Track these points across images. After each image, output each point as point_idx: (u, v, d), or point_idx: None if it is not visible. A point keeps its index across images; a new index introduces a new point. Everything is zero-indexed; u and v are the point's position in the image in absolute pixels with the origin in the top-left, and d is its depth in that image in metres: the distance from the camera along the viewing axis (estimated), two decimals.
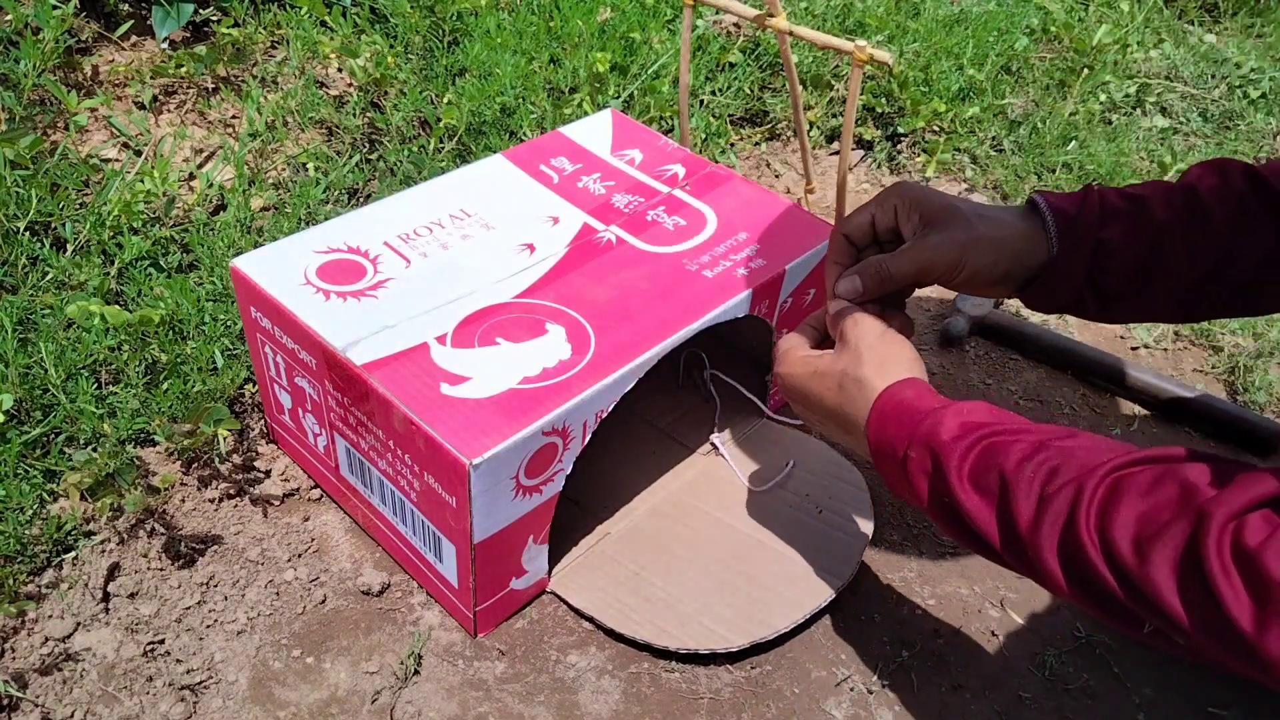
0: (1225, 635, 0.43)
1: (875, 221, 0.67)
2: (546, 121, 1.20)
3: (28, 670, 0.69)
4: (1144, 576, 0.45)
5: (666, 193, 0.89)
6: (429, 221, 0.82)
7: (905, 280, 0.65)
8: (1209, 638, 0.44)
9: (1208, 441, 1.01)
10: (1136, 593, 0.46)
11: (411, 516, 0.72)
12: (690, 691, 0.74)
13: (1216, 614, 0.42)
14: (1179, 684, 0.77)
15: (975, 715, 0.74)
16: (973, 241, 0.63)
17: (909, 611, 0.81)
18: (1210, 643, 0.44)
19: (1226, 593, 0.42)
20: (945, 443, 0.56)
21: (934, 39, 1.50)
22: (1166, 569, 0.44)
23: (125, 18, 1.14)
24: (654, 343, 0.72)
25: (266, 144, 1.09)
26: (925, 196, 0.65)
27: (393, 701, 0.71)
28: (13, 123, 0.98)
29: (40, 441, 0.80)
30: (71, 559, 0.76)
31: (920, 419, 0.58)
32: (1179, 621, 0.44)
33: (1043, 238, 0.64)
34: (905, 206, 0.65)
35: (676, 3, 1.41)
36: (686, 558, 0.81)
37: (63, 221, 0.92)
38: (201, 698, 0.70)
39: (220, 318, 0.90)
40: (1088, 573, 0.48)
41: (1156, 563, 0.45)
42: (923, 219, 0.65)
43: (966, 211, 0.64)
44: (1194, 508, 0.44)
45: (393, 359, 0.68)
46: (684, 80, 0.99)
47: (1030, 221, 0.65)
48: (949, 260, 0.63)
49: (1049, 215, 0.64)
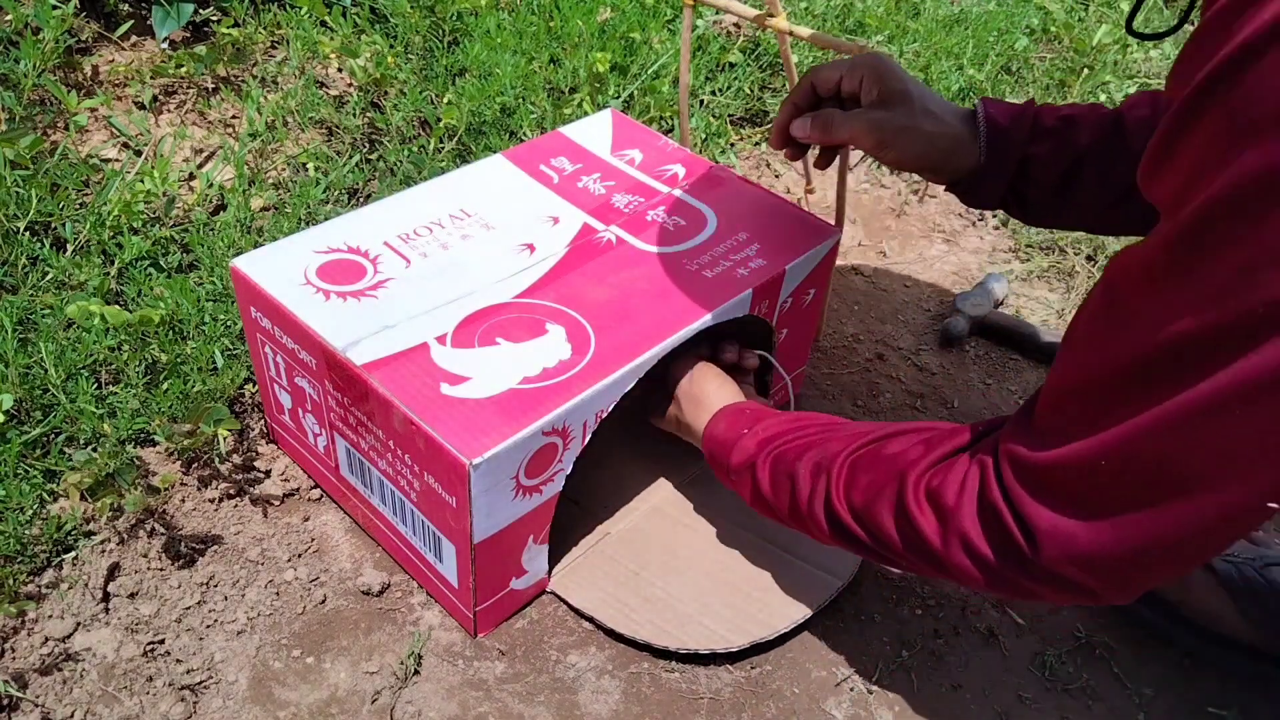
0: (926, 554, 0.57)
1: (842, 81, 0.74)
2: (546, 121, 1.20)
3: (28, 670, 0.69)
4: (876, 525, 0.60)
5: (666, 193, 0.89)
6: (429, 221, 0.82)
7: (842, 139, 0.75)
8: (919, 559, 0.58)
9: None
10: (874, 537, 0.61)
11: (411, 516, 0.72)
12: (690, 691, 0.74)
13: (919, 540, 0.57)
14: (1179, 684, 0.77)
15: (975, 715, 0.74)
16: (908, 128, 0.71)
17: (909, 611, 0.81)
18: (921, 563, 0.59)
19: (922, 524, 0.56)
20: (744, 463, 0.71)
21: (934, 39, 1.50)
22: (888, 516, 0.59)
23: (125, 18, 1.14)
24: (654, 343, 0.72)
25: (266, 144, 1.09)
26: (888, 74, 0.72)
27: (393, 701, 0.71)
28: (13, 123, 0.98)
29: (40, 441, 0.80)
30: (71, 559, 0.76)
31: (729, 452, 0.72)
32: (899, 551, 0.59)
33: (974, 145, 0.72)
34: (870, 78, 0.73)
35: (676, 3, 1.41)
36: (686, 558, 0.81)
37: (63, 221, 0.92)
38: (201, 698, 0.70)
39: (220, 318, 0.90)
40: (846, 529, 0.63)
41: (881, 514, 0.59)
42: (879, 94, 0.72)
43: (916, 101, 0.72)
44: (897, 472, 0.59)
45: (393, 359, 0.68)
46: (684, 80, 0.99)
47: (968, 127, 0.72)
48: (881, 138, 0.72)
49: (983, 125, 0.72)
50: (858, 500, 0.61)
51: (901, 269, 1.20)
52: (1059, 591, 0.53)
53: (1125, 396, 0.46)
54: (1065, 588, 0.52)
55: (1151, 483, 0.46)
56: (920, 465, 0.58)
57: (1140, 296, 0.45)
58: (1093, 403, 0.48)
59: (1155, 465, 0.46)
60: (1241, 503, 0.44)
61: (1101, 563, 0.49)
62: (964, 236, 1.26)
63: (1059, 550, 0.50)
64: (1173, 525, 0.46)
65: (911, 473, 0.58)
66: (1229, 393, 0.41)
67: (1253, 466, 0.43)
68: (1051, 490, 0.50)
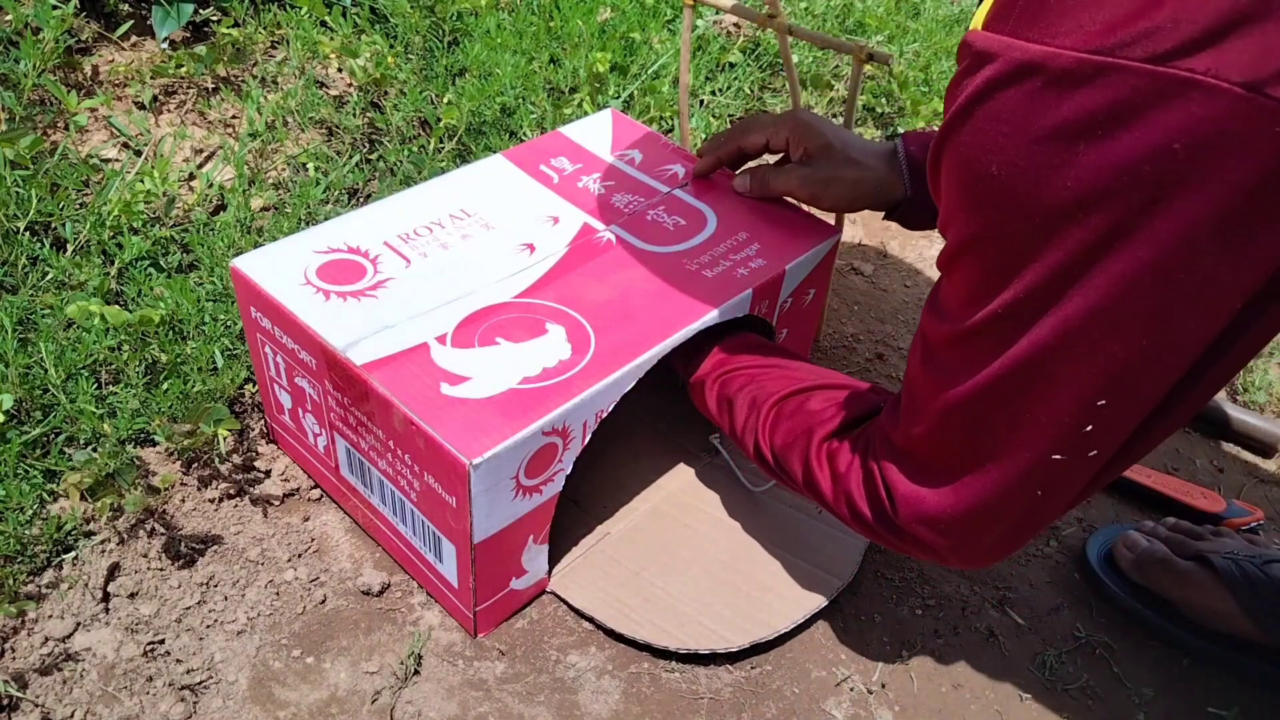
0: (822, 501, 0.68)
1: (770, 143, 0.85)
2: (546, 121, 1.20)
3: (28, 670, 0.69)
4: (789, 467, 0.70)
5: (666, 193, 0.89)
6: (429, 221, 0.82)
7: (778, 195, 0.86)
8: (818, 502, 0.69)
9: (1208, 441, 1.01)
10: (786, 474, 0.71)
11: (411, 516, 0.72)
12: (690, 691, 0.74)
13: (817, 489, 0.67)
14: (1179, 684, 0.77)
15: (975, 715, 0.74)
16: (835, 179, 0.81)
17: (909, 611, 0.81)
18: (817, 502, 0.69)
19: (820, 479, 0.67)
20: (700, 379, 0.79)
21: (934, 39, 1.50)
22: (798, 464, 0.69)
23: (125, 18, 1.13)
24: (654, 343, 0.72)
25: (266, 144, 1.09)
26: (809, 132, 0.82)
27: (393, 701, 0.71)
28: (13, 123, 0.98)
29: (40, 441, 0.80)
30: (71, 559, 0.76)
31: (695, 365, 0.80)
32: (802, 490, 0.70)
33: (899, 180, 0.80)
34: (795, 137, 0.82)
35: (676, 3, 1.41)
36: (686, 558, 0.81)
37: (63, 221, 0.92)
38: (201, 698, 0.70)
39: (220, 318, 0.90)
40: (766, 462, 0.73)
41: (793, 460, 0.69)
42: (806, 152, 0.82)
43: (839, 153, 0.81)
44: (807, 430, 0.69)
45: (393, 359, 0.68)
46: (684, 80, 0.99)
47: (890, 165, 0.81)
48: (812, 191, 0.82)
49: (904, 163, 0.80)
50: (777, 443, 0.71)
51: (901, 269, 1.20)
52: (916, 548, 0.62)
53: (938, 383, 0.55)
54: (919, 545, 0.61)
55: (966, 452, 0.56)
56: (827, 427, 0.68)
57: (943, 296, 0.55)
58: (920, 388, 0.58)
59: (967, 438, 0.56)
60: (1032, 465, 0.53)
61: (945, 523, 0.58)
62: None
63: (911, 511, 0.60)
64: (990, 486, 0.56)
65: (818, 433, 0.68)
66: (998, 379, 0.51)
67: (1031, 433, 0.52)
68: (906, 462, 0.60)
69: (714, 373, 0.77)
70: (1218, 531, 0.83)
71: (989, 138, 0.46)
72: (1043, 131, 0.44)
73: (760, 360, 0.76)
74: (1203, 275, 0.44)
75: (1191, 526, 0.84)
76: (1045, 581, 0.85)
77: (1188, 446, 1.01)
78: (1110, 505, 0.93)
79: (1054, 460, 0.53)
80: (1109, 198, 0.44)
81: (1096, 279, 0.46)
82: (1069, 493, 0.56)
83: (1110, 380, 0.49)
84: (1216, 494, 0.91)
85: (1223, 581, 0.76)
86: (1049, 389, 0.50)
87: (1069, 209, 0.45)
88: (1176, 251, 0.44)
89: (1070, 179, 0.44)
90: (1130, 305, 0.46)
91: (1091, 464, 0.54)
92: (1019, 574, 0.85)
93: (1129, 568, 0.81)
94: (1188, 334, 0.47)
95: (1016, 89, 0.45)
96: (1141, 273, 0.45)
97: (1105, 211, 0.44)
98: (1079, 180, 0.44)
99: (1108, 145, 0.43)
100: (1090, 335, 0.48)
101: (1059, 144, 0.44)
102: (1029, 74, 0.44)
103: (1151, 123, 0.41)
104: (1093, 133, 0.43)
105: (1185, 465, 0.99)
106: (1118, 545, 0.83)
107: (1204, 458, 1.00)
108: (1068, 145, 0.44)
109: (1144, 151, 0.42)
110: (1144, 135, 0.42)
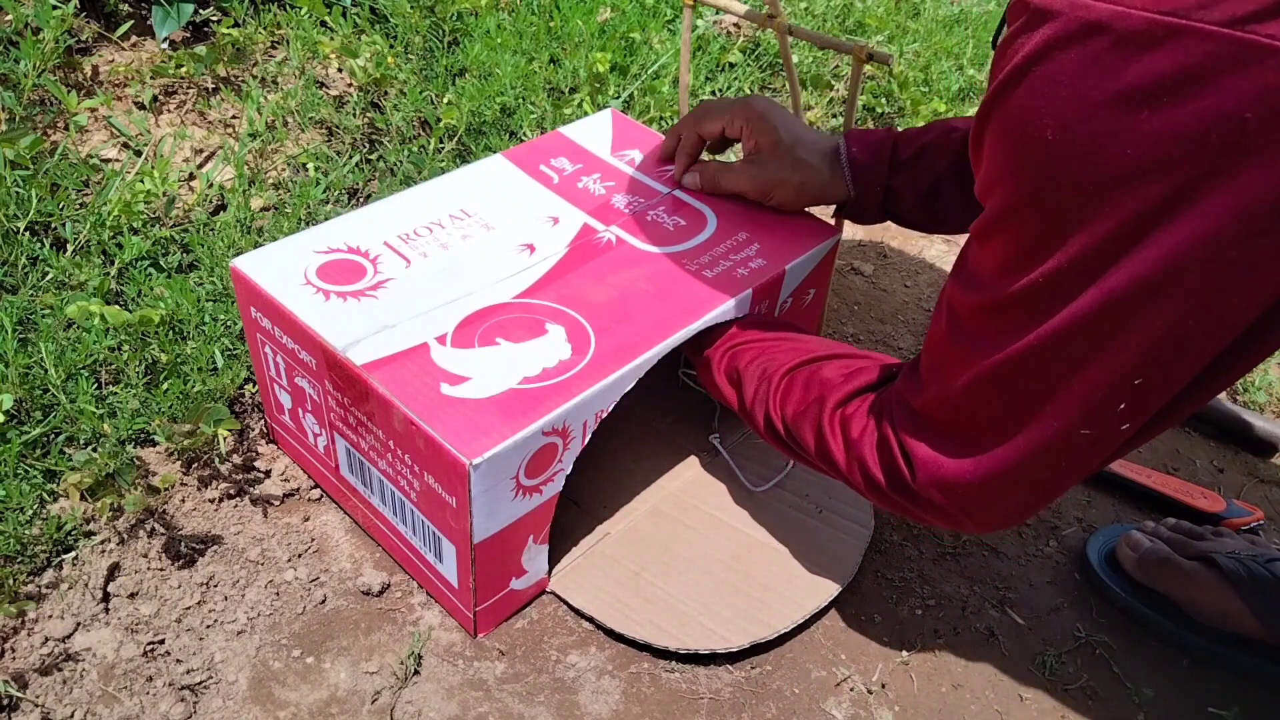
0: (835, 469, 0.67)
1: (725, 131, 0.85)
2: (546, 121, 1.20)
3: (28, 670, 0.69)
4: (800, 437, 0.69)
5: (666, 193, 0.89)
6: (429, 221, 0.82)
7: (728, 193, 0.86)
8: (829, 470, 0.68)
9: (1208, 441, 1.01)
10: (798, 445, 0.70)
11: (411, 516, 0.72)
12: (690, 691, 0.74)
13: (830, 457, 0.67)
14: (1179, 684, 0.77)
15: (975, 715, 0.74)
16: (781, 182, 0.82)
17: (909, 611, 0.81)
18: (830, 471, 0.69)
19: (832, 446, 0.66)
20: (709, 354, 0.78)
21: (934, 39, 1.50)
22: (810, 433, 0.68)
23: (125, 18, 1.13)
24: (654, 343, 0.72)
25: (266, 144, 1.09)
26: (764, 126, 0.81)
27: (393, 701, 0.71)
28: (13, 123, 0.98)
29: (40, 441, 0.80)
30: (71, 559, 0.76)
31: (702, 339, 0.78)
32: (814, 460, 0.69)
33: (842, 180, 0.81)
34: (749, 129, 0.82)
35: (676, 3, 1.41)
36: (686, 558, 0.81)
37: (63, 221, 0.92)
38: (201, 698, 0.70)
39: (220, 318, 0.90)
40: (777, 434, 0.72)
41: (805, 429, 0.68)
42: (757, 145, 0.82)
43: (786, 153, 0.81)
44: (820, 398, 0.68)
45: (393, 359, 0.68)
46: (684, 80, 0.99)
47: (834, 166, 0.81)
48: (760, 190, 0.84)
49: (846, 166, 0.81)
50: (789, 413, 0.70)
51: (901, 269, 1.20)
52: (930, 512, 0.62)
53: (970, 350, 0.55)
54: (934, 509, 0.61)
55: (991, 419, 0.56)
56: (839, 393, 0.67)
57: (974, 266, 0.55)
58: (948, 355, 0.57)
59: (991, 405, 0.55)
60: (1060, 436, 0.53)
61: (961, 488, 0.58)
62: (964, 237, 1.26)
63: (928, 476, 0.60)
64: (1012, 455, 0.55)
65: (831, 399, 0.67)
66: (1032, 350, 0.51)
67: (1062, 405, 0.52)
68: (925, 427, 0.60)
69: (722, 347, 0.77)
70: (1218, 531, 0.83)
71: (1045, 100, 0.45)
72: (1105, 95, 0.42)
73: (770, 334, 0.76)
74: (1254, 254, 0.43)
75: (1192, 527, 0.84)
76: (1045, 581, 0.85)
77: (1188, 446, 1.01)
78: (1110, 505, 0.93)
79: (1082, 434, 0.52)
80: (1169, 167, 0.42)
81: (1146, 251, 0.44)
82: (1091, 464, 0.56)
83: (1148, 358, 0.48)
84: (1216, 494, 0.91)
85: (1228, 580, 0.76)
86: (1084, 363, 0.49)
87: (1125, 177, 0.43)
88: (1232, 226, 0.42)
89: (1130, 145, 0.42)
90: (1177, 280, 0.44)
91: (1120, 437, 0.53)
92: (1019, 574, 0.85)
93: (1132, 568, 0.81)
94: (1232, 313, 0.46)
95: (1079, 49, 0.43)
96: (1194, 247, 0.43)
97: (1163, 181, 0.42)
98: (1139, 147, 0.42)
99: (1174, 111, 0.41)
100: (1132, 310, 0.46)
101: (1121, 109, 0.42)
102: (1094, 34, 0.42)
103: (1224, 90, 0.40)
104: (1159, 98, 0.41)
105: (1185, 465, 0.99)
106: (1120, 545, 0.83)
107: (1204, 458, 1.00)
108: (1131, 110, 0.42)
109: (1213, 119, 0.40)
110: (1215, 102, 0.40)
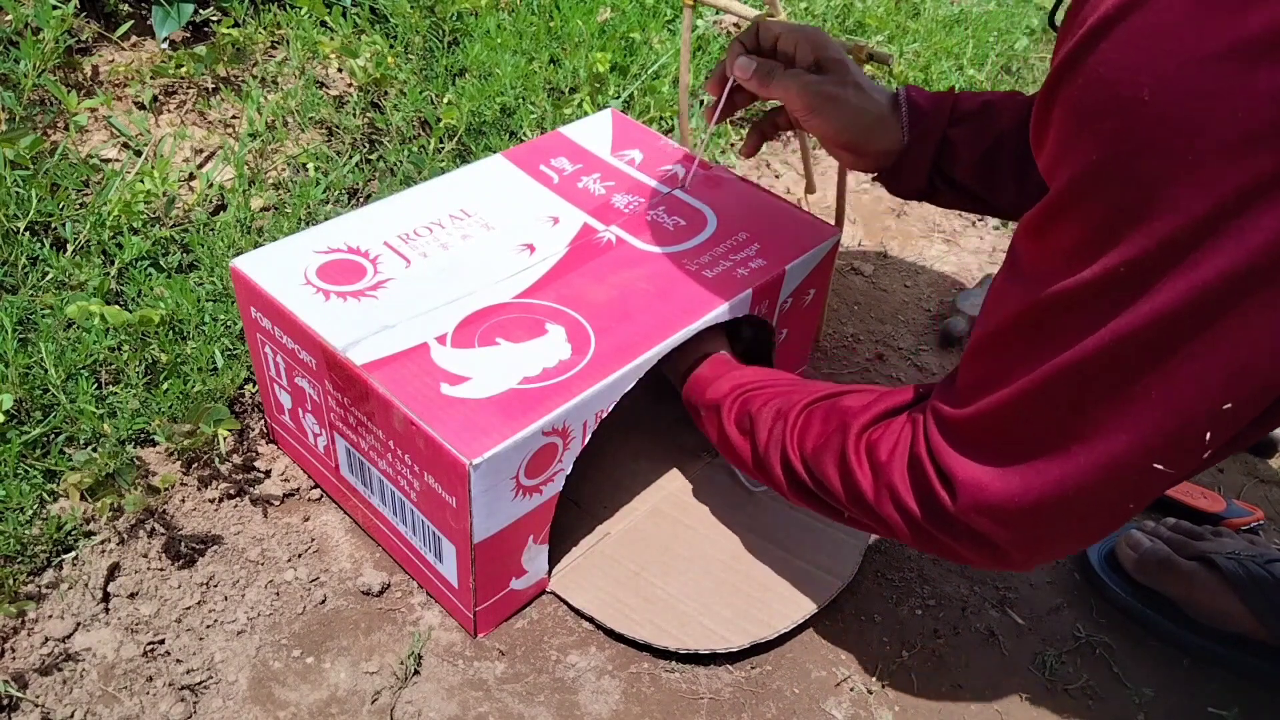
0: (863, 505, 0.60)
1: (780, 39, 0.76)
2: (546, 121, 1.20)
3: (28, 670, 0.69)
4: (823, 474, 0.63)
5: (666, 193, 0.89)
6: (429, 221, 0.82)
7: (775, 95, 0.75)
8: (859, 510, 0.61)
9: None
10: (820, 485, 0.64)
11: (411, 516, 0.72)
12: (690, 691, 0.74)
13: (856, 490, 0.60)
14: (1179, 684, 0.77)
15: (975, 715, 0.74)
16: (837, 97, 0.73)
17: (909, 611, 0.81)
18: (858, 511, 0.62)
19: (859, 476, 0.60)
20: (715, 402, 0.74)
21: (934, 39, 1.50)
22: (832, 466, 0.62)
23: (125, 18, 1.13)
24: (654, 343, 0.72)
25: (266, 144, 1.09)
26: (828, 46, 0.75)
27: (393, 701, 0.71)
28: (13, 123, 0.98)
29: (40, 441, 0.80)
30: (71, 559, 0.76)
31: (705, 390, 0.75)
32: (841, 500, 0.62)
33: (897, 125, 0.75)
34: (806, 44, 0.75)
35: (676, 3, 1.41)
36: (686, 558, 0.81)
37: (63, 221, 0.92)
38: (201, 698, 0.70)
39: (220, 318, 0.90)
40: (797, 476, 0.66)
41: (827, 463, 0.63)
42: (816, 60, 0.75)
43: (851, 75, 0.74)
44: (842, 425, 0.62)
45: (393, 359, 0.68)
46: (684, 80, 0.99)
47: (893, 109, 0.75)
48: (811, 102, 0.73)
49: (905, 109, 0.75)
50: (809, 448, 0.64)
51: (901, 269, 1.20)
52: (971, 545, 0.55)
53: (1025, 351, 0.49)
54: (977, 541, 0.54)
55: (1050, 432, 0.49)
56: (863, 418, 0.62)
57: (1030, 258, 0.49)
58: (1000, 358, 0.51)
59: (1051, 415, 0.49)
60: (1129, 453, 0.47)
61: (1010, 514, 0.52)
62: (964, 236, 1.26)
63: (971, 499, 0.53)
64: (1071, 474, 0.49)
65: (855, 425, 0.61)
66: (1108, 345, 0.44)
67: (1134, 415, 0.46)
68: (969, 443, 0.54)
69: (731, 394, 0.73)
70: (1218, 531, 0.83)
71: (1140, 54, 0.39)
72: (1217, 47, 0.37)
73: (784, 379, 0.73)
74: None
75: (1192, 527, 0.84)
76: (1045, 581, 0.85)
77: None
78: None
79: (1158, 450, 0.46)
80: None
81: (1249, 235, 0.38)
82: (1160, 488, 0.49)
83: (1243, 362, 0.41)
84: (1216, 494, 0.91)
85: (1227, 581, 0.76)
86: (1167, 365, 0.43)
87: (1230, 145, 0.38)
88: None
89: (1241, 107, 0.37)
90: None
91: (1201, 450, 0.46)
92: (1019, 574, 0.85)
93: (1132, 568, 0.81)
94: None
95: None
96: None
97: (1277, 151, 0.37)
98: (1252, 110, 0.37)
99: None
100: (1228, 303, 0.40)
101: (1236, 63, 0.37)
102: None
103: None
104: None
105: None
106: (1120, 545, 0.83)
107: None
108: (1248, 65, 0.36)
109: None
110: None
